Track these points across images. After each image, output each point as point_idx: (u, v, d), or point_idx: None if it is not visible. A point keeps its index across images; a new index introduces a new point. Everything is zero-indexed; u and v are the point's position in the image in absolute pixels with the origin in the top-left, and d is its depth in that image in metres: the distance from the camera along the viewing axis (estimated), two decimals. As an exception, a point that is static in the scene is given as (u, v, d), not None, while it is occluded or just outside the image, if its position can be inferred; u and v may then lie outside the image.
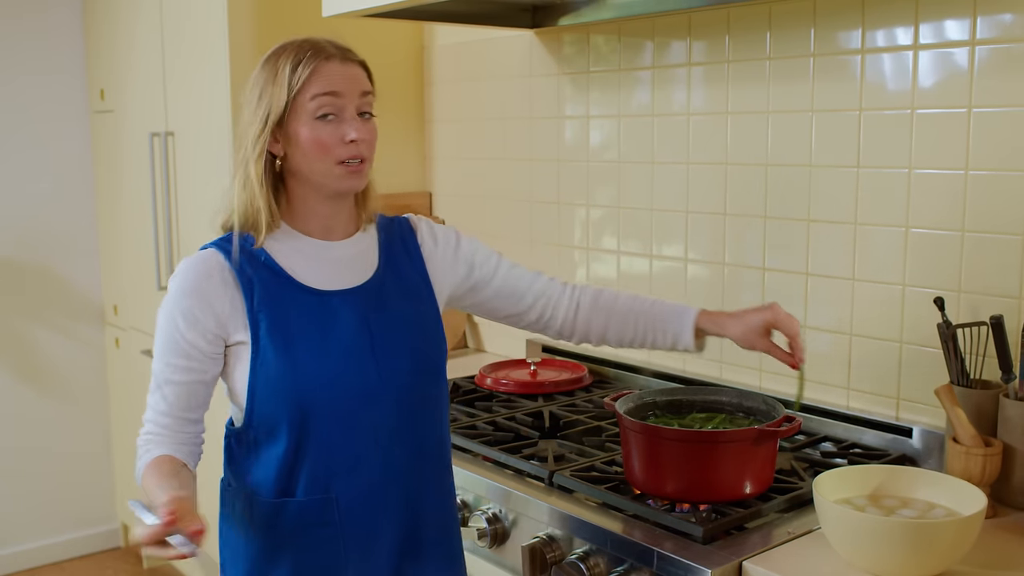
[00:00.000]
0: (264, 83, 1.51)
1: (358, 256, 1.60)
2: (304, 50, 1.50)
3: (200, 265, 1.52)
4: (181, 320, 1.50)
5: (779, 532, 1.67)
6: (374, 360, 1.53)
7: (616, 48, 2.55)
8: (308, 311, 1.52)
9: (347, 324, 1.53)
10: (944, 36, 1.90)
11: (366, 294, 1.57)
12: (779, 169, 2.20)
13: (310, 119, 1.48)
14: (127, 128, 3.59)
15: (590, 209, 2.68)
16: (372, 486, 1.55)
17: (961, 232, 1.90)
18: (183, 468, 1.53)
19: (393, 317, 1.57)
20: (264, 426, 1.53)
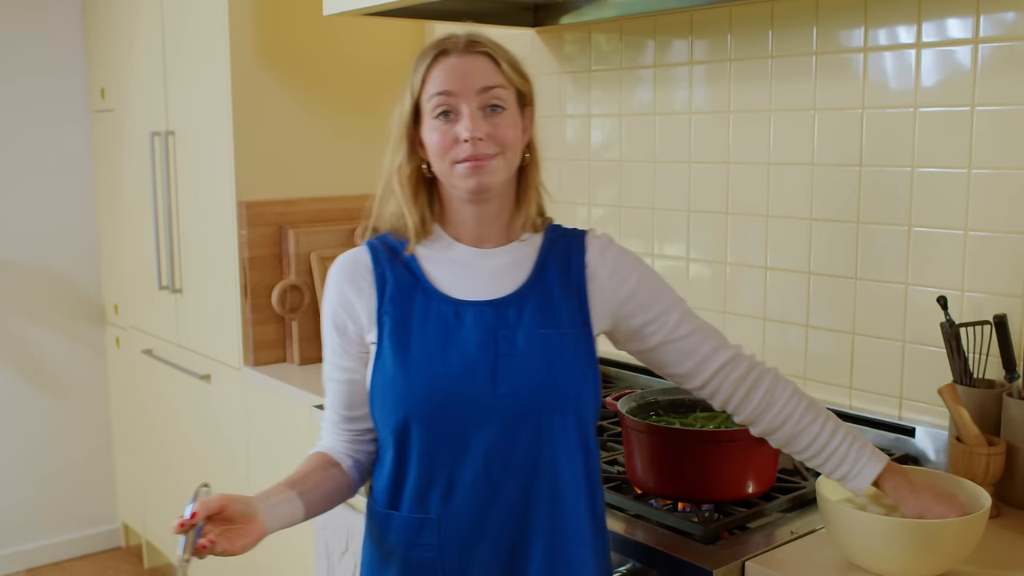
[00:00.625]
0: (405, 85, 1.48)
1: (508, 267, 1.49)
2: (429, 48, 1.46)
3: (345, 265, 1.51)
4: (330, 321, 1.51)
5: (782, 532, 1.66)
6: (492, 380, 1.41)
7: (618, 47, 2.55)
8: (435, 317, 1.45)
9: (472, 337, 1.43)
10: (947, 34, 1.89)
11: (502, 308, 1.46)
12: (781, 168, 2.20)
13: (431, 120, 1.44)
14: (128, 127, 3.59)
15: (592, 208, 2.68)
16: (476, 515, 1.44)
17: (964, 231, 1.89)
18: (328, 467, 1.53)
19: (526, 338, 1.44)
20: (381, 433, 1.50)
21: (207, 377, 3.17)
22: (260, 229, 2.90)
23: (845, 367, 2.12)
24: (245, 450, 3.01)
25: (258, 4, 2.87)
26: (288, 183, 2.96)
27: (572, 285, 1.50)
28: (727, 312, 2.34)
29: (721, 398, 1.54)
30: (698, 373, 1.53)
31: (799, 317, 2.19)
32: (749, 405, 1.53)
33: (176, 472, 3.51)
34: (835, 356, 2.14)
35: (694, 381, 1.54)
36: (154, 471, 3.71)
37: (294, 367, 2.92)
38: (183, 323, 3.32)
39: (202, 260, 3.15)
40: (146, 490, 3.80)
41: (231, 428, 3.08)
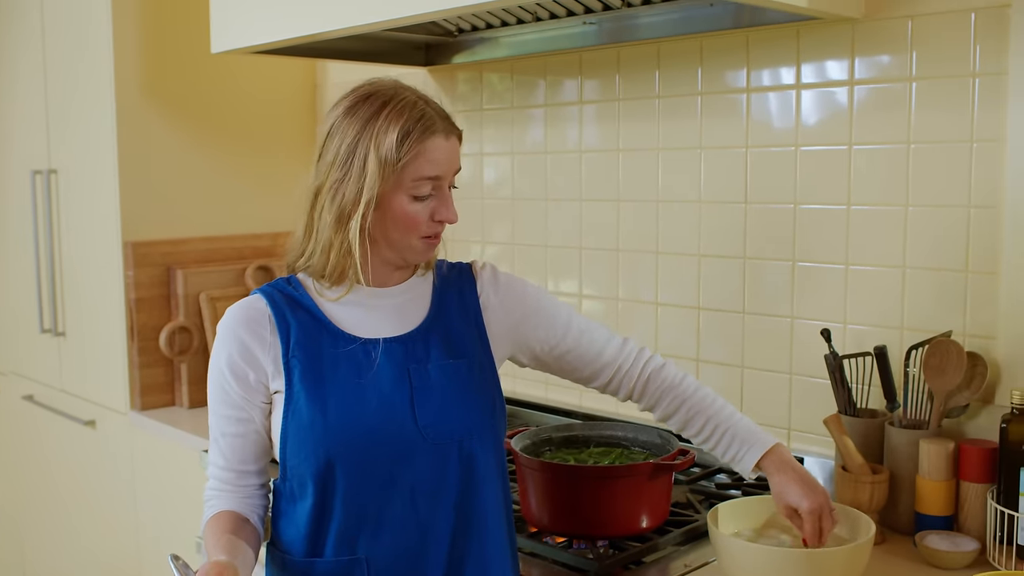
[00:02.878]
0: (360, 138, 1.41)
1: (408, 303, 1.51)
2: (412, 120, 1.40)
3: (241, 313, 1.47)
4: (227, 370, 1.46)
5: (676, 565, 1.67)
6: (412, 413, 1.42)
7: (509, 86, 2.57)
8: (345, 359, 1.44)
9: (385, 373, 1.43)
10: (825, 76, 1.96)
11: (410, 344, 1.47)
12: (670, 205, 2.24)
13: (406, 194, 1.41)
14: (7, 165, 3.47)
15: (485, 246, 2.68)
16: (407, 550, 1.43)
17: (845, 265, 1.95)
18: (244, 525, 1.48)
19: (437, 370, 1.46)
20: (295, 479, 1.44)
21: (91, 423, 3.06)
22: (147, 269, 2.83)
23: (735, 399, 2.15)
24: (132, 497, 2.91)
25: (143, 39, 2.81)
26: (176, 222, 2.90)
27: (470, 317, 1.53)
28: (620, 347, 2.36)
29: (625, 391, 1.63)
30: (602, 372, 1.62)
31: (690, 351, 2.23)
32: (648, 392, 1.63)
33: (60, 520, 3.38)
34: (725, 388, 2.17)
35: (599, 380, 1.63)
36: (35, 521, 3.56)
37: (183, 411, 2.84)
38: (66, 367, 3.21)
39: (86, 302, 3.05)
40: (27, 541, 3.65)
41: (117, 475, 2.98)
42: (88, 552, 3.21)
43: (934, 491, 1.71)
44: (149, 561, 2.84)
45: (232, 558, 1.36)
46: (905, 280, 1.87)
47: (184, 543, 2.63)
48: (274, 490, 1.51)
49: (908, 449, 1.76)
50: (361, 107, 1.42)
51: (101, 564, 3.14)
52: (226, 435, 1.48)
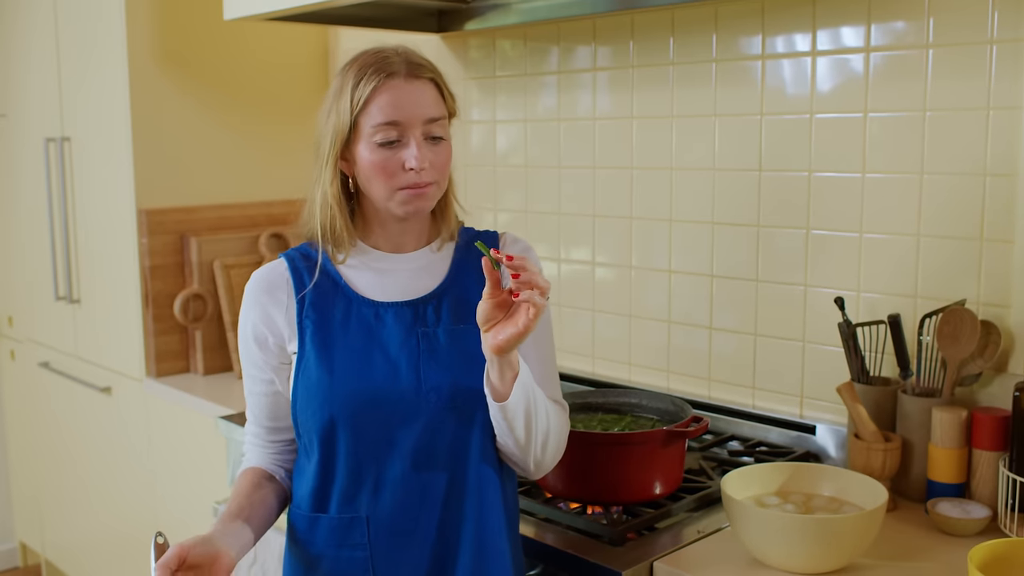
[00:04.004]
0: (334, 96, 1.45)
1: (424, 269, 1.52)
2: (369, 64, 1.42)
3: (262, 279, 1.51)
4: (250, 333, 1.51)
5: (689, 531, 1.69)
6: (416, 377, 1.43)
7: (522, 53, 2.56)
8: (357, 320, 1.47)
9: (393, 336, 1.45)
10: (841, 43, 1.95)
11: (421, 308, 1.48)
12: (684, 173, 2.23)
13: (372, 145, 1.41)
14: (21, 133, 3.48)
15: (498, 213, 2.68)
16: (405, 511, 1.45)
17: (859, 233, 1.95)
18: (267, 482, 1.54)
19: (445, 334, 1.47)
20: (305, 436, 1.49)
21: (107, 389, 3.08)
22: (161, 237, 2.84)
23: (748, 368, 2.16)
24: (148, 463, 2.94)
25: (156, 6, 2.81)
26: (189, 190, 2.91)
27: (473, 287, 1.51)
28: (632, 315, 2.37)
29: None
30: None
31: (703, 319, 2.23)
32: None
33: (77, 488, 3.41)
34: (738, 357, 2.18)
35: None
36: (54, 488, 3.60)
37: (198, 377, 2.87)
38: (82, 334, 3.23)
39: (101, 269, 3.07)
40: (45, 508, 3.69)
41: (133, 441, 3.00)
42: (104, 516, 3.24)
43: (946, 459, 1.72)
44: (165, 526, 2.87)
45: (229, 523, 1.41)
46: (919, 248, 1.87)
47: (200, 508, 2.65)
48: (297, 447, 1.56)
49: (921, 417, 1.77)
50: (347, 66, 1.46)
51: (117, 528, 3.17)
52: (254, 393, 1.54)
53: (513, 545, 1.54)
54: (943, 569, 1.53)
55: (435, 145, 1.44)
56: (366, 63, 1.43)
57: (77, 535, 3.48)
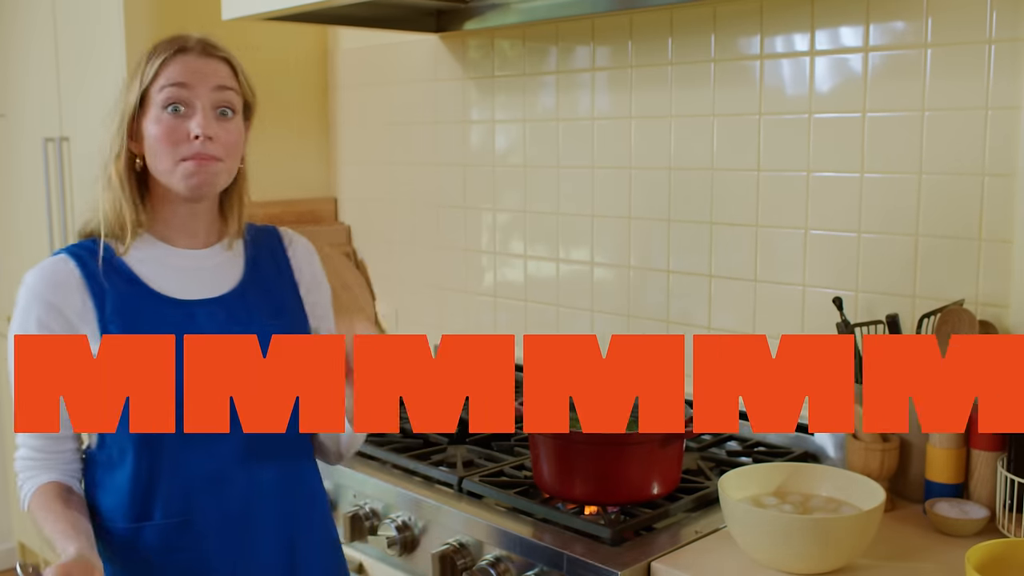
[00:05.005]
0: (128, 77, 1.45)
1: (221, 265, 1.52)
2: (163, 42, 1.44)
3: (50, 273, 1.44)
4: (36, 328, 1.42)
5: (687, 531, 1.69)
6: None
7: (521, 53, 2.56)
8: (165, 322, 1.43)
9: (204, 333, 1.44)
10: (839, 43, 1.95)
11: (230, 304, 1.49)
12: (682, 173, 2.23)
13: (158, 111, 1.41)
14: (19, 133, 3.47)
15: (497, 214, 2.68)
16: (239, 507, 1.47)
17: (857, 233, 1.95)
18: (71, 494, 1.45)
19: (258, 331, 1.47)
20: (115, 446, 1.44)
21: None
22: (159, 237, 2.84)
23: (746, 368, 2.16)
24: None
25: (154, 7, 2.81)
26: (188, 190, 2.90)
27: (284, 277, 1.57)
28: (631, 315, 2.37)
29: None
30: None
31: (701, 319, 2.23)
32: None
33: (74, 487, 3.41)
34: (736, 357, 2.17)
35: None
36: None
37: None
38: (80, 334, 3.23)
39: (99, 269, 3.06)
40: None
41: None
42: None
43: (944, 459, 1.71)
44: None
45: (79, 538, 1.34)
46: (918, 248, 1.87)
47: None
48: (87, 460, 1.49)
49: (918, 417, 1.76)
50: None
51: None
52: None
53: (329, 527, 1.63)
54: (941, 569, 1.53)
55: (225, 120, 1.44)
56: (161, 42, 1.44)
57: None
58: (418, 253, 2.92)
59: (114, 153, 1.43)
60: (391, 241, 3.03)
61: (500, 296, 2.70)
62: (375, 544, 1.96)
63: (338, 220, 3.21)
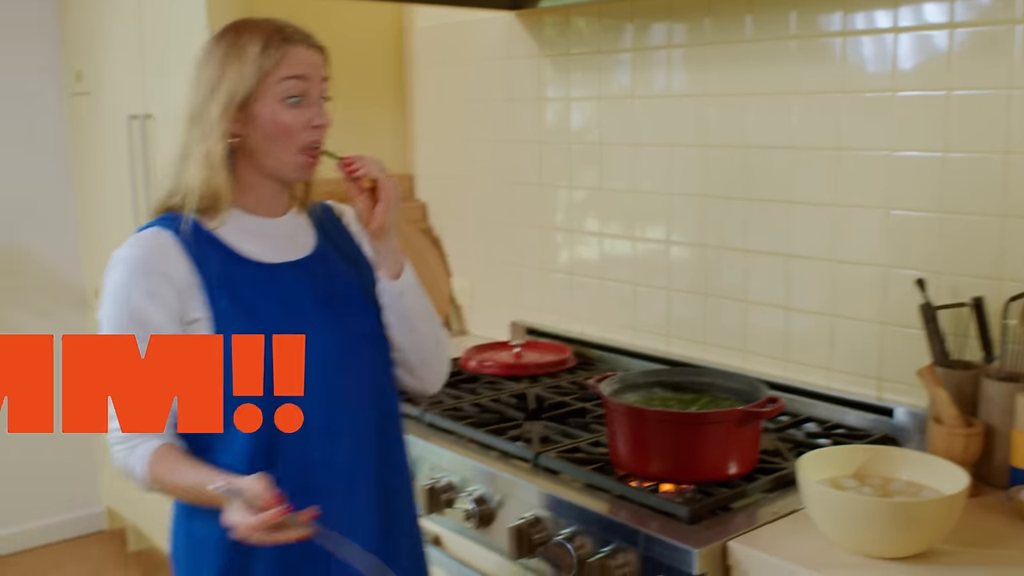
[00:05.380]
0: (224, 61, 1.48)
1: (297, 231, 1.61)
2: (271, 32, 1.49)
3: (153, 243, 1.49)
4: (143, 298, 1.46)
5: (764, 512, 1.68)
6: (336, 327, 1.55)
7: (597, 30, 2.55)
8: (263, 284, 1.51)
9: (302, 293, 1.54)
10: (923, 19, 1.91)
11: (313, 264, 1.58)
12: (760, 151, 2.21)
13: (276, 101, 1.48)
14: (105, 110, 3.56)
15: (572, 191, 2.69)
16: (347, 453, 1.55)
17: (941, 213, 1.92)
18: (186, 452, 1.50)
19: (345, 284, 1.59)
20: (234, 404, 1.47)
21: (188, 362, 3.15)
22: (240, 213, 2.89)
23: (825, 348, 2.14)
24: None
25: (236, -13, 2.85)
26: (268, 167, 2.95)
27: (352, 244, 1.68)
28: (708, 294, 2.36)
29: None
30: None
31: (779, 299, 2.21)
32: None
33: (158, 456, 3.50)
34: (815, 337, 2.16)
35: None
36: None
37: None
38: (163, 308, 3.31)
39: (182, 245, 3.13)
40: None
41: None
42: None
43: (1029, 444, 1.69)
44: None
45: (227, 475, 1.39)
46: (1005, 229, 1.83)
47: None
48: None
49: (1004, 402, 1.73)
50: (224, 35, 1.51)
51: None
52: None
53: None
54: (1024, 556, 1.51)
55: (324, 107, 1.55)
56: (266, 30, 1.49)
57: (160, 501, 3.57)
58: (493, 230, 2.94)
59: (218, 134, 1.47)
60: (467, 218, 3.05)
61: (576, 274, 2.71)
62: (451, 516, 1.99)
63: (414, 197, 3.24)
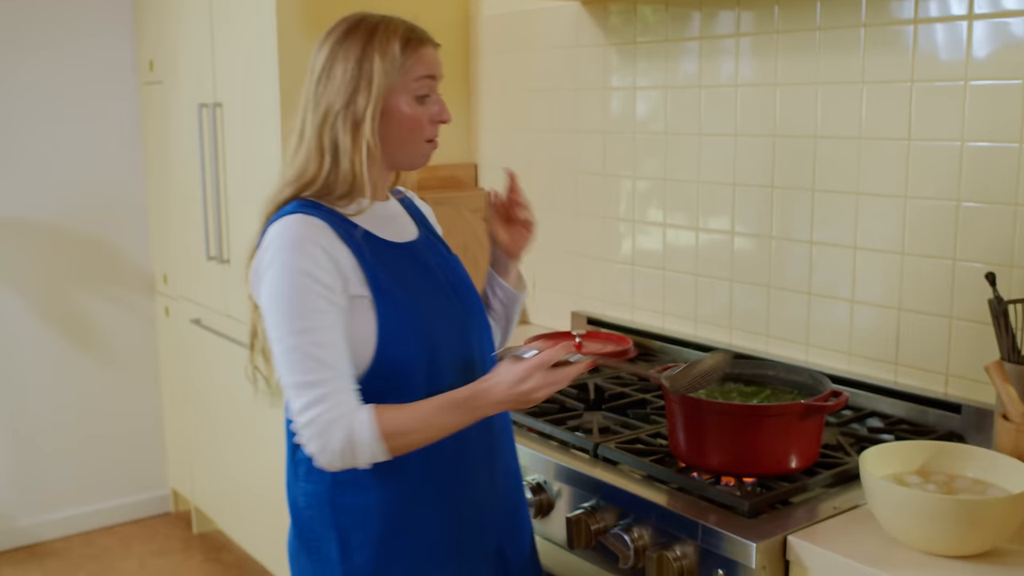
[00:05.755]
0: (363, 57, 1.55)
1: (400, 214, 1.69)
2: (407, 30, 1.59)
3: (309, 223, 1.51)
4: (319, 271, 1.47)
5: (824, 507, 1.67)
6: (459, 299, 1.65)
7: (663, 18, 2.53)
8: (405, 262, 1.60)
9: (432, 270, 1.64)
10: (1000, 6, 1.86)
11: (427, 245, 1.68)
12: (828, 141, 2.18)
13: (410, 97, 1.58)
14: (176, 99, 3.63)
15: (636, 181, 2.67)
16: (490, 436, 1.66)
17: (1014, 206, 1.87)
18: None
19: (456, 266, 1.71)
20: (398, 374, 1.52)
21: (254, 347, 3.20)
22: (306, 201, 2.92)
23: (891, 341, 2.11)
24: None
25: (304, -24, 2.88)
26: (334, 155, 2.98)
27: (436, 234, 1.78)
28: (771, 286, 2.34)
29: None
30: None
31: (844, 292, 2.18)
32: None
33: (224, 439, 3.57)
34: (881, 330, 2.12)
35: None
36: (203, 438, 3.77)
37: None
38: (231, 293, 3.36)
39: (249, 231, 3.16)
40: (195, 457, 3.87)
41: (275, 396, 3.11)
42: (247, 467, 3.39)
43: (1102, 443, 1.64)
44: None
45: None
46: (1080, 223, 1.78)
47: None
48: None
49: (1075, 399, 1.69)
50: (356, 32, 1.58)
51: (259, 479, 3.31)
52: (334, 343, 1.46)
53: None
54: (1095, 558, 1.47)
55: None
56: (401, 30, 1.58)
57: (223, 484, 3.65)
58: (557, 220, 2.94)
59: (371, 127, 1.55)
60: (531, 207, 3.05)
61: (638, 264, 2.70)
62: (510, 506, 2.00)
63: (478, 186, 3.25)
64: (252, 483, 3.39)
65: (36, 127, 3.78)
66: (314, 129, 1.56)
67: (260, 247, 1.55)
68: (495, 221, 1.77)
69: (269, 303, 1.49)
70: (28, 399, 3.88)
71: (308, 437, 1.45)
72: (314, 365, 1.44)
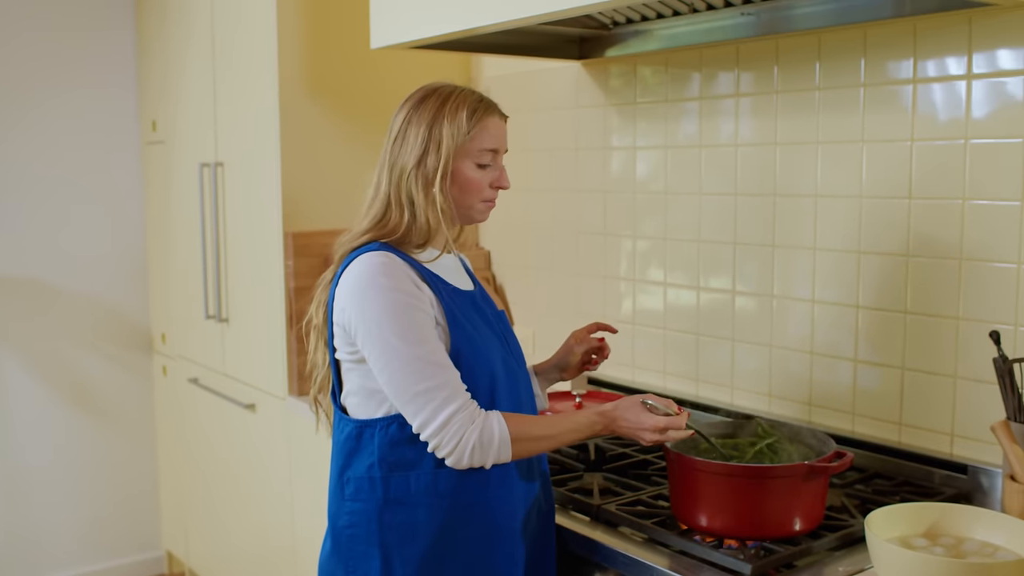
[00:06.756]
0: (434, 122, 1.70)
1: (458, 266, 1.84)
2: (476, 101, 1.73)
3: (400, 265, 1.65)
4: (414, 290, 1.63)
5: (829, 571, 1.63)
6: (510, 347, 1.80)
7: (663, 79, 2.55)
8: (469, 307, 1.74)
9: (488, 318, 1.78)
10: (997, 66, 1.87)
11: (483, 297, 1.82)
12: (828, 200, 2.18)
13: (473, 163, 1.72)
14: (178, 158, 3.64)
15: (636, 240, 2.67)
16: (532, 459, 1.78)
17: (1018, 264, 1.86)
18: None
19: (503, 315, 1.86)
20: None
21: (251, 407, 3.18)
22: (306, 259, 2.92)
23: (895, 403, 2.08)
24: (288, 480, 3.01)
25: (307, 37, 2.90)
26: (335, 214, 2.98)
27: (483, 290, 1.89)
28: (773, 345, 2.32)
29: None
30: None
31: (847, 351, 2.16)
32: None
33: (220, 500, 3.53)
34: (884, 391, 2.10)
35: None
36: (198, 499, 3.73)
37: (338, 397, 2.92)
38: (229, 352, 3.35)
39: (249, 290, 3.17)
40: (190, 518, 3.83)
41: (274, 458, 3.09)
42: (245, 529, 3.34)
43: (1112, 505, 1.61)
44: (303, 539, 2.94)
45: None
46: (1083, 281, 1.77)
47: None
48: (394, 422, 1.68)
49: (1084, 460, 1.67)
50: (429, 100, 1.73)
51: (257, 542, 3.26)
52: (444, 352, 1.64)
53: None
54: (1108, 624, 1.43)
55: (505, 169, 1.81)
56: (471, 99, 1.73)
57: (219, 546, 3.60)
58: (557, 279, 2.93)
59: (442, 186, 1.70)
60: (530, 267, 3.05)
61: (639, 324, 2.68)
62: (509, 569, 1.96)
63: (479, 245, 3.25)
64: (247, 544, 3.34)
65: (37, 185, 3.79)
66: (389, 184, 1.73)
67: (343, 277, 1.68)
68: (581, 352, 1.99)
69: (376, 322, 1.61)
70: (24, 458, 3.84)
71: (447, 437, 1.59)
72: (438, 371, 1.61)
